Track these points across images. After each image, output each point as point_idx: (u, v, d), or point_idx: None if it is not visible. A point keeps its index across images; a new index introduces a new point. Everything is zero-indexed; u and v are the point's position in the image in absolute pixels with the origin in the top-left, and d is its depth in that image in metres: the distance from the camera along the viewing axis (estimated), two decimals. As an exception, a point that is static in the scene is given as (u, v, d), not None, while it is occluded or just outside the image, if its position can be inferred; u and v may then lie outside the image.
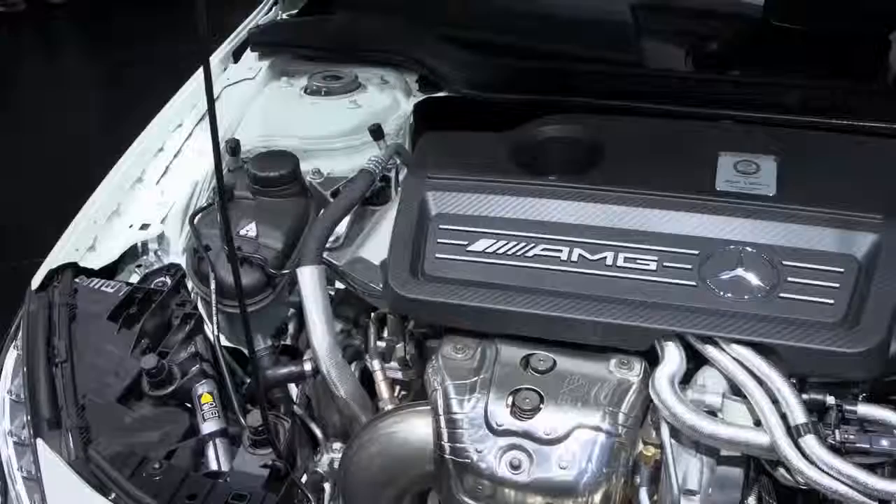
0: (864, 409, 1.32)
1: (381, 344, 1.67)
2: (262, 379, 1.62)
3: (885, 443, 1.26)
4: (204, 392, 1.56)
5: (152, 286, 1.72)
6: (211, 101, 1.09)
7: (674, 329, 1.38)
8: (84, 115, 4.94)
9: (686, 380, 1.39)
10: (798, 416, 1.27)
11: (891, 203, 1.50)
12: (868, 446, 1.26)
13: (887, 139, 1.70)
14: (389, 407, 1.57)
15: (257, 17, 2.42)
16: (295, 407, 1.75)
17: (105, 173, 1.93)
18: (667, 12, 2.16)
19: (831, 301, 1.39)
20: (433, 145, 1.78)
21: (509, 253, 1.52)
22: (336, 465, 1.65)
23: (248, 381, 1.69)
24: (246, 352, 1.71)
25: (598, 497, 1.33)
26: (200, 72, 1.08)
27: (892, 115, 1.78)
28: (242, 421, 1.52)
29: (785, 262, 1.44)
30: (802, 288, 1.41)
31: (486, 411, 1.37)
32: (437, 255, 1.55)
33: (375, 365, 1.64)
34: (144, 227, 1.84)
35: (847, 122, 1.77)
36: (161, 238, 1.84)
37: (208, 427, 1.52)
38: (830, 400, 1.32)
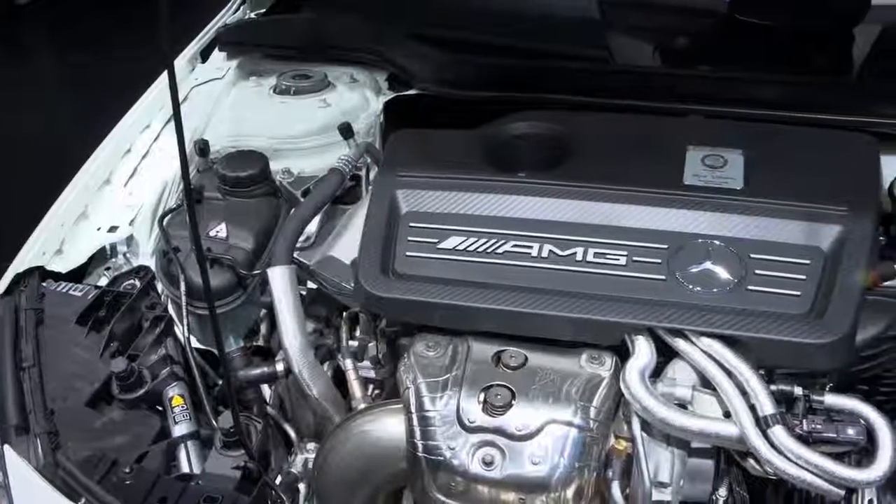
0: (831, 399, 1.33)
1: (354, 343, 1.66)
2: (233, 380, 1.61)
3: (851, 431, 1.28)
4: (175, 394, 1.55)
5: (121, 289, 1.70)
6: (176, 104, 1.08)
7: (644, 323, 1.39)
8: (51, 116, 4.89)
9: (657, 373, 1.39)
10: (766, 407, 1.28)
11: (855, 195, 1.52)
12: (835, 435, 1.28)
13: (852, 132, 1.72)
14: (362, 406, 1.57)
15: (225, 17, 2.40)
16: (268, 408, 1.75)
17: (72, 175, 1.91)
18: (634, 8, 2.17)
19: (798, 293, 1.41)
20: (403, 143, 1.78)
21: (480, 250, 1.52)
22: (310, 465, 1.64)
23: (220, 382, 1.69)
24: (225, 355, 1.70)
25: (570, 491, 1.34)
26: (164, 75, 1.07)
27: (857, 109, 1.80)
28: (214, 423, 1.51)
29: (752, 255, 1.46)
30: (770, 280, 1.43)
31: (458, 408, 1.37)
32: (408, 253, 1.55)
33: (348, 364, 1.64)
34: (113, 229, 1.82)
35: (812, 116, 1.79)
36: (130, 240, 1.83)
37: (179, 430, 1.51)
38: (798, 390, 1.33)
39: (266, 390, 1.78)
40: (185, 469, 1.47)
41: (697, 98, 1.85)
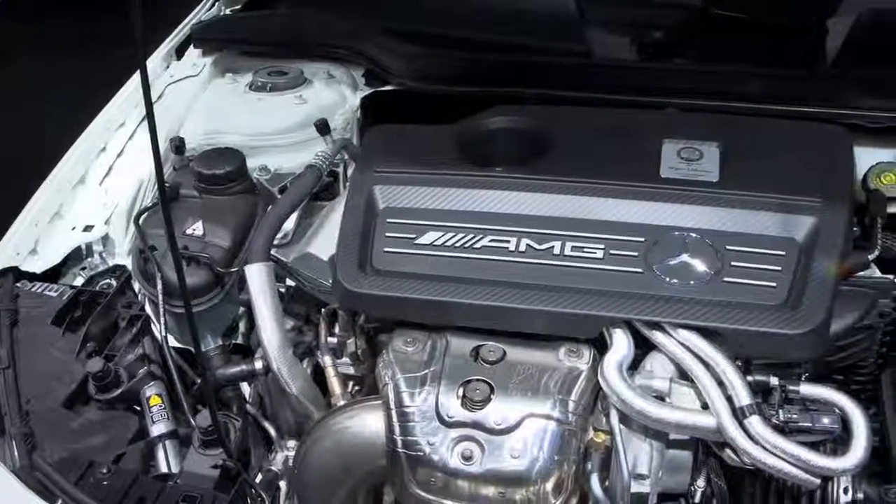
0: (807, 389, 1.35)
1: (333, 340, 1.65)
2: (211, 378, 1.61)
3: (826, 421, 1.29)
4: (152, 394, 1.55)
5: (97, 288, 1.69)
6: (149, 102, 1.07)
7: (621, 316, 1.40)
8: (24, 115, 4.83)
9: (635, 366, 1.40)
10: (743, 397, 1.29)
11: (829, 186, 1.53)
12: (810, 425, 1.29)
13: (826, 124, 1.73)
14: (342, 403, 1.57)
15: (200, 13, 2.38)
16: (248, 406, 1.74)
17: (46, 175, 1.89)
18: (611, 3, 2.17)
19: (774, 284, 1.42)
20: (380, 139, 1.78)
21: (457, 245, 1.52)
22: (290, 463, 1.64)
23: (199, 381, 1.68)
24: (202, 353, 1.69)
25: (550, 485, 1.34)
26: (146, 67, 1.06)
27: (830, 100, 1.81)
28: (192, 421, 1.50)
29: (728, 247, 1.47)
30: (746, 272, 1.43)
31: (437, 403, 1.37)
32: (385, 249, 1.54)
33: (327, 361, 1.63)
34: (88, 228, 1.81)
35: (787, 108, 1.80)
36: (105, 239, 1.82)
37: (157, 429, 1.50)
38: (774, 381, 1.35)
39: (246, 388, 1.77)
40: (164, 469, 1.46)
41: (673, 91, 1.86)
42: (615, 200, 1.53)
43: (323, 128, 1.91)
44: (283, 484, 1.66)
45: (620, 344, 1.39)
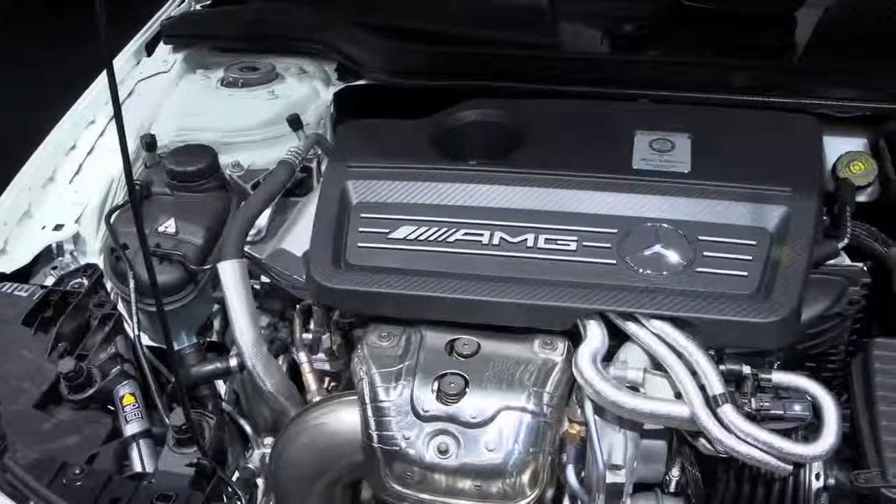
0: (779, 377, 1.36)
1: (308, 336, 1.65)
2: (184, 376, 1.60)
3: (797, 408, 1.31)
4: (126, 393, 1.53)
5: (68, 288, 1.67)
6: (116, 99, 1.06)
7: (595, 307, 1.40)
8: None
9: (609, 357, 1.41)
10: (716, 386, 1.30)
11: (799, 176, 1.54)
12: (782, 412, 1.31)
13: (795, 114, 1.74)
14: (317, 399, 1.57)
15: (170, 8, 2.36)
16: (223, 404, 1.73)
17: (14, 174, 1.87)
18: (583, -5, 2.18)
19: (745, 273, 1.43)
20: (353, 134, 1.77)
21: (431, 239, 1.52)
22: (267, 460, 1.63)
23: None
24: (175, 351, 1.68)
25: (526, 477, 1.35)
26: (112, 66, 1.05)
27: (800, 91, 1.83)
28: (166, 420, 1.49)
29: (700, 237, 1.48)
30: (718, 262, 1.45)
31: (412, 398, 1.37)
32: (359, 244, 1.54)
33: (302, 357, 1.63)
34: (58, 227, 1.79)
35: (757, 99, 1.81)
36: (76, 238, 1.80)
37: (131, 428, 1.49)
38: (746, 369, 1.36)
39: (221, 386, 1.76)
40: (138, 468, 1.45)
41: (645, 83, 1.87)
42: (588, 192, 1.54)
43: (295, 123, 1.90)
44: (260, 481, 1.66)
45: (594, 335, 1.39)
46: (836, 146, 1.82)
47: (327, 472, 1.48)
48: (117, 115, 1.10)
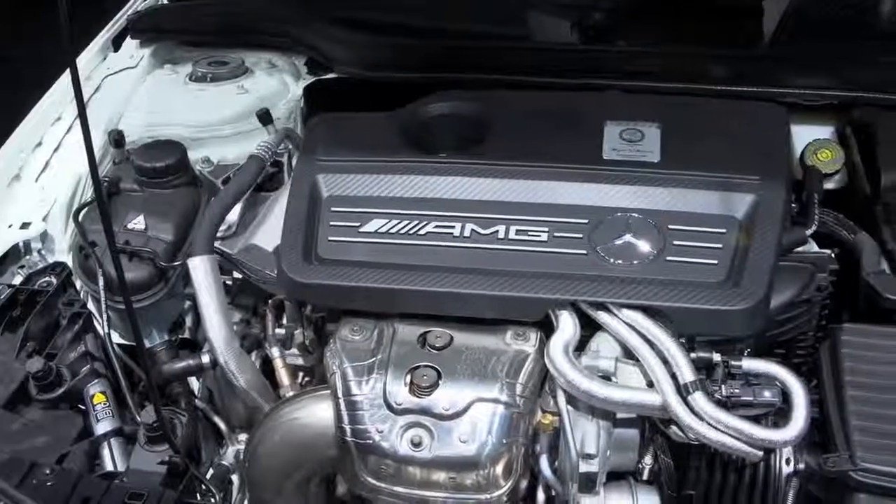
0: (749, 364, 1.37)
1: (280, 331, 1.65)
2: (156, 374, 1.58)
3: (767, 394, 1.32)
4: (96, 392, 1.52)
5: (36, 286, 1.65)
6: (79, 95, 1.05)
7: (566, 298, 1.41)
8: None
9: (581, 347, 1.41)
10: (686, 374, 1.31)
11: (767, 164, 1.55)
12: (752, 399, 1.31)
13: (764, 102, 1.75)
14: (290, 394, 1.56)
15: (136, 3, 2.33)
16: (197, 401, 1.72)
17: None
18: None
19: (715, 261, 1.44)
20: (323, 128, 1.76)
21: (402, 232, 1.52)
22: (242, 456, 1.62)
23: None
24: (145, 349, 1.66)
25: (499, 468, 1.35)
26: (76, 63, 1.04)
27: (768, 80, 1.84)
28: (138, 418, 1.48)
29: (671, 226, 1.48)
30: (688, 250, 1.45)
31: (384, 391, 1.37)
32: (330, 238, 1.53)
33: (275, 352, 1.63)
34: (25, 225, 1.76)
35: (726, 88, 1.82)
36: (44, 236, 1.77)
37: (102, 427, 1.48)
38: (717, 357, 1.36)
39: (195, 383, 1.75)
40: (109, 467, 1.44)
41: (615, 74, 1.87)
42: (558, 183, 1.54)
43: (265, 117, 1.89)
44: (235, 478, 1.66)
45: (566, 325, 1.40)
46: (804, 134, 1.83)
47: (302, 467, 1.48)
48: (81, 112, 1.08)
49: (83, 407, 1.53)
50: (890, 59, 1.85)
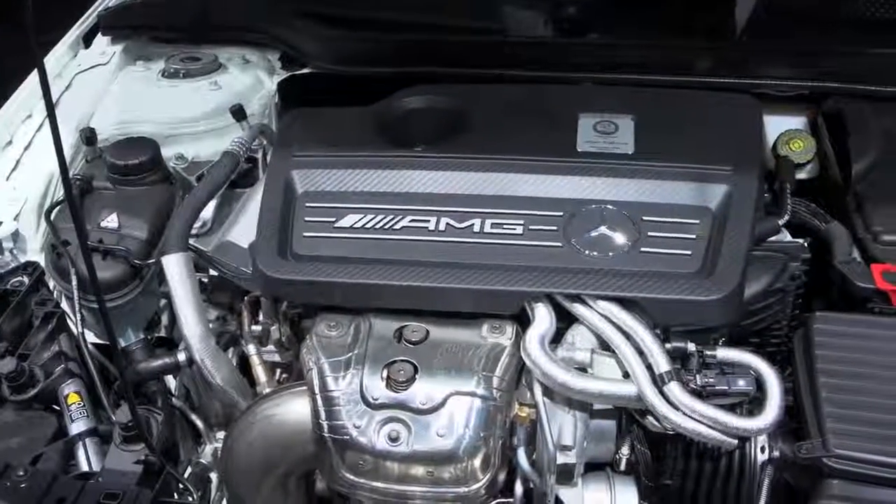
0: (723, 353, 1.38)
1: (257, 328, 1.64)
2: (131, 373, 1.57)
3: (741, 383, 1.33)
4: (70, 392, 1.51)
5: (8, 286, 1.63)
6: (47, 91, 1.04)
7: (542, 290, 1.41)
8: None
9: (557, 339, 1.42)
10: (662, 364, 1.32)
11: (740, 155, 1.57)
12: (726, 388, 1.33)
13: (736, 93, 1.77)
14: (268, 391, 1.55)
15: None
16: (174, 399, 1.71)
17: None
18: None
19: (689, 252, 1.45)
20: (297, 123, 1.76)
21: (377, 227, 1.52)
22: (219, 454, 1.61)
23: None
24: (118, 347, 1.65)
25: (477, 461, 1.35)
26: (45, 61, 1.03)
27: (740, 71, 1.85)
28: (112, 417, 1.47)
29: (645, 218, 1.49)
30: (662, 241, 1.46)
31: (361, 386, 1.37)
32: (305, 234, 1.53)
33: (251, 349, 1.62)
34: (-4, 225, 1.75)
35: (699, 79, 1.83)
36: (16, 236, 1.75)
37: (77, 427, 1.47)
38: (692, 347, 1.37)
39: (171, 381, 1.74)
40: (84, 467, 1.43)
41: (588, 66, 1.88)
42: (533, 176, 1.55)
43: (238, 113, 1.88)
44: (213, 476, 1.65)
45: (542, 318, 1.40)
46: (776, 125, 1.85)
47: (280, 464, 1.47)
48: (49, 109, 1.07)
49: (57, 407, 1.52)
50: (860, 49, 1.87)
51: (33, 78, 2.05)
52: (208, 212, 1.70)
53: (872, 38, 1.87)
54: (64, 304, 1.67)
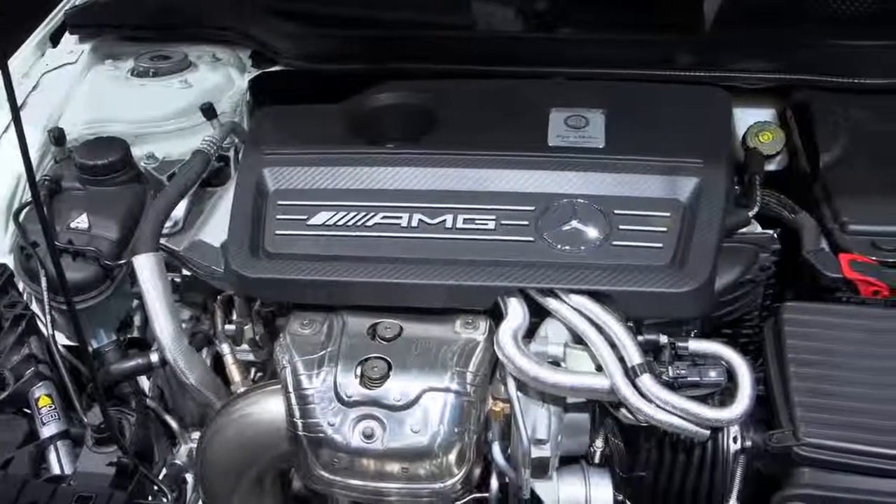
0: (695, 345, 1.39)
1: (230, 327, 1.63)
2: (104, 374, 1.56)
3: (713, 374, 1.34)
4: (41, 395, 1.49)
5: (-24, 290, 1.61)
6: (11, 91, 1.03)
7: (515, 285, 1.42)
8: None
9: (531, 333, 1.42)
10: (634, 357, 1.33)
11: (710, 147, 1.58)
12: (698, 379, 1.34)
13: (705, 86, 1.78)
14: (242, 390, 1.55)
15: (74, -4, 2.28)
16: (147, 400, 1.70)
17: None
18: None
19: (660, 245, 1.46)
20: (268, 121, 1.75)
21: (349, 224, 1.51)
22: (194, 454, 1.61)
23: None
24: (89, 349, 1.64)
25: (452, 456, 1.35)
26: (11, 60, 1.02)
27: (710, 64, 1.86)
28: (85, 420, 1.45)
29: (616, 211, 1.50)
30: (633, 234, 1.47)
31: (335, 384, 1.36)
32: (277, 232, 1.52)
33: (225, 349, 1.61)
34: (-38, 228, 1.73)
35: (668, 73, 1.85)
36: (-17, 238, 1.74)
37: (48, 430, 1.45)
38: (664, 339, 1.39)
39: (145, 382, 1.73)
40: (56, 471, 1.41)
41: (559, 61, 1.88)
42: (504, 171, 1.55)
43: (209, 112, 1.86)
44: (189, 476, 1.64)
45: (515, 313, 1.40)
46: (746, 117, 1.86)
47: (255, 464, 1.47)
48: (14, 110, 1.06)
49: (28, 410, 1.51)
50: (827, 41, 1.89)
51: (-1, 78, 2.03)
52: (180, 211, 1.69)
53: (840, 31, 1.89)
54: (34, 306, 1.66)
